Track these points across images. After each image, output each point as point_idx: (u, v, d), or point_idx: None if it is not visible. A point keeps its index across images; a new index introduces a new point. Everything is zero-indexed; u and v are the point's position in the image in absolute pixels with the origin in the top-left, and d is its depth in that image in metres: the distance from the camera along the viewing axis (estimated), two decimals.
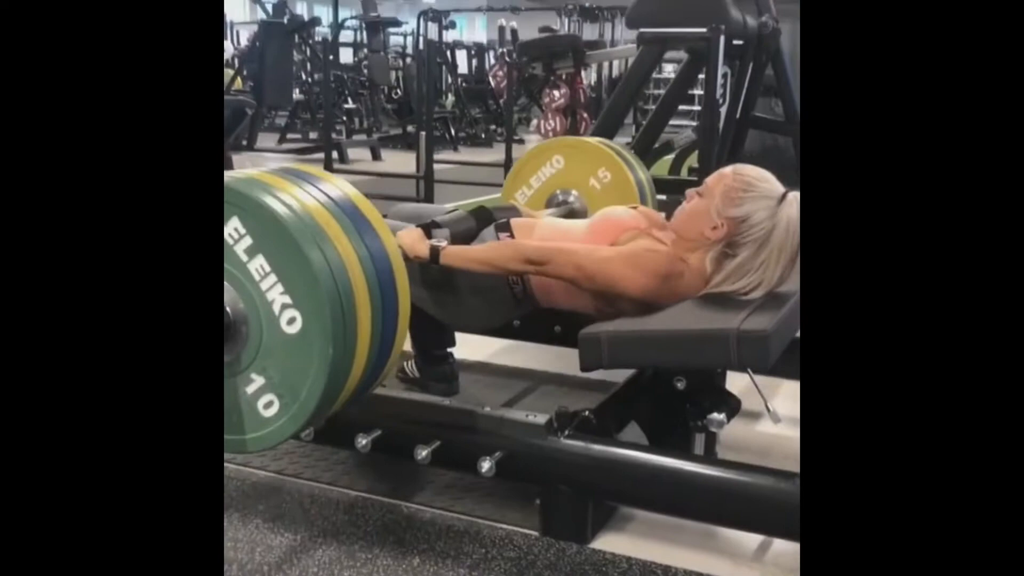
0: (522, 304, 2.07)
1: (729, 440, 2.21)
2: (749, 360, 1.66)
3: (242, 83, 10.57)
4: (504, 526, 1.78)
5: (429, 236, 1.93)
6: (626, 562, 1.66)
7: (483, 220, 2.13)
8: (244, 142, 9.00)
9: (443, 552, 1.68)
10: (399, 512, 1.82)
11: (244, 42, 12.98)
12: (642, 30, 3.33)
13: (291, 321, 1.34)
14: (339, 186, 1.48)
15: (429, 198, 4.32)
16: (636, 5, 3.43)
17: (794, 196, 1.78)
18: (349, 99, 11.00)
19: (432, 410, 1.83)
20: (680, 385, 1.84)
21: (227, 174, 1.38)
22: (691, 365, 1.77)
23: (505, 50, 11.32)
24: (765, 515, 1.60)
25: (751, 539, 1.75)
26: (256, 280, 1.35)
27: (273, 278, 1.34)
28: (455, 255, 1.86)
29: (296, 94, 10.43)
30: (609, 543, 1.73)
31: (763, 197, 1.78)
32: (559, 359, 2.62)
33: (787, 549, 1.70)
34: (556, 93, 11.88)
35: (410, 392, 2.02)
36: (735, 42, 3.66)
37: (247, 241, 1.34)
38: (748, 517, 1.63)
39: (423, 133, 4.53)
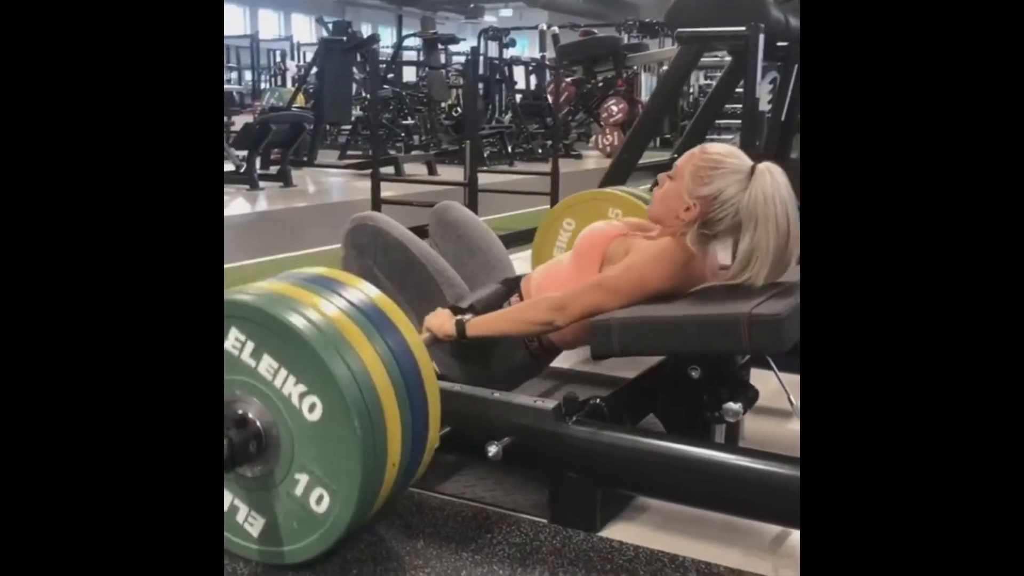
0: (540, 360, 2.09)
1: (756, 436, 2.16)
2: (762, 345, 1.62)
3: (304, 100, 10.80)
4: (514, 513, 1.76)
5: (457, 313, 1.96)
6: (633, 550, 1.63)
7: (513, 290, 2.14)
8: (305, 157, 9.18)
9: (448, 536, 1.67)
10: (410, 497, 1.82)
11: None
12: (680, 30, 3.31)
13: (312, 408, 1.40)
14: (362, 289, 1.54)
15: (473, 205, 4.34)
16: (675, 5, 3.41)
17: (765, 167, 1.76)
18: (409, 116, 11.15)
19: (443, 396, 1.82)
20: (695, 374, 1.80)
21: (246, 289, 1.47)
22: (703, 351, 1.74)
23: (543, 54, 11.37)
24: (775, 502, 1.55)
25: (770, 531, 1.70)
26: (275, 383, 1.41)
27: (293, 379, 1.40)
28: (479, 325, 1.90)
29: (357, 111, 10.59)
30: (619, 532, 1.70)
31: (732, 172, 1.78)
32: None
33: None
34: (614, 108, 11.88)
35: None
36: (779, 43, 3.61)
37: (266, 354, 1.42)
38: (758, 504, 1.58)
39: (468, 143, 4.57)
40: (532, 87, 12.80)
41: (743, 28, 3.11)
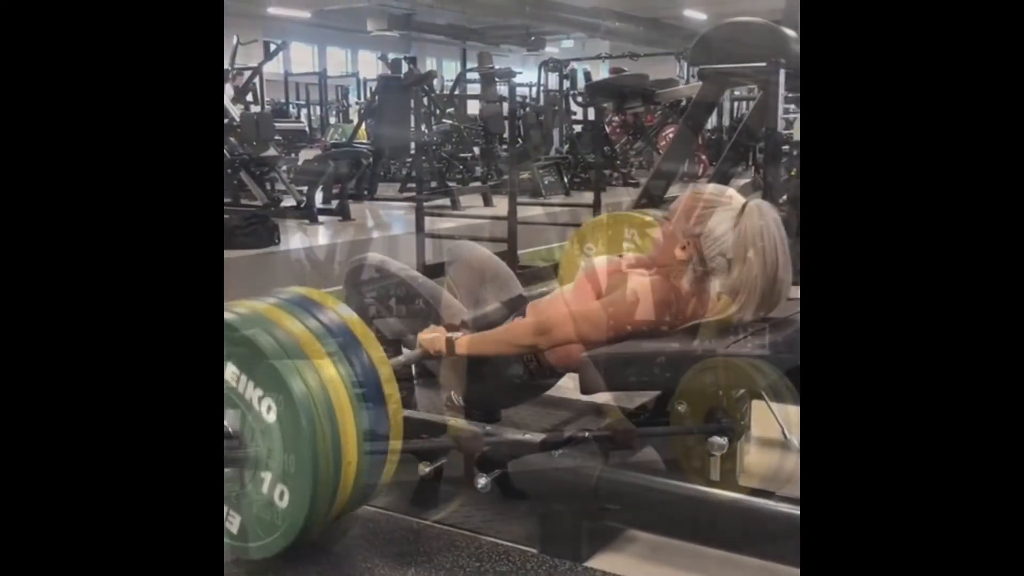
0: (538, 379, 2.14)
1: (759, 469, 2.20)
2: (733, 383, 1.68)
3: (367, 135, 11.11)
4: (505, 543, 1.83)
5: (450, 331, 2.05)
6: None
7: (515, 309, 2.22)
8: (366, 191, 9.44)
9: (439, 564, 1.75)
10: (408, 527, 1.91)
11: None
12: (702, 66, 3.37)
13: (269, 409, 1.54)
14: (338, 312, 1.69)
15: (512, 237, 4.46)
16: (697, 42, 3.48)
17: (755, 204, 1.82)
18: (467, 148, 11.37)
19: (437, 429, 1.91)
20: (681, 408, 1.86)
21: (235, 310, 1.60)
22: (676, 386, 1.80)
23: (576, 91, 11.70)
24: (747, 535, 1.60)
25: (751, 562, 1.74)
26: (238, 388, 1.56)
27: (252, 383, 1.55)
28: (467, 344, 1.99)
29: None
30: (604, 562, 1.76)
31: (722, 210, 1.84)
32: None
33: (783, 570, 1.68)
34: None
35: (421, 413, 2.09)
36: None
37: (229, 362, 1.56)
38: (732, 536, 1.63)
39: (509, 178, 4.71)
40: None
41: (764, 64, 3.16)
